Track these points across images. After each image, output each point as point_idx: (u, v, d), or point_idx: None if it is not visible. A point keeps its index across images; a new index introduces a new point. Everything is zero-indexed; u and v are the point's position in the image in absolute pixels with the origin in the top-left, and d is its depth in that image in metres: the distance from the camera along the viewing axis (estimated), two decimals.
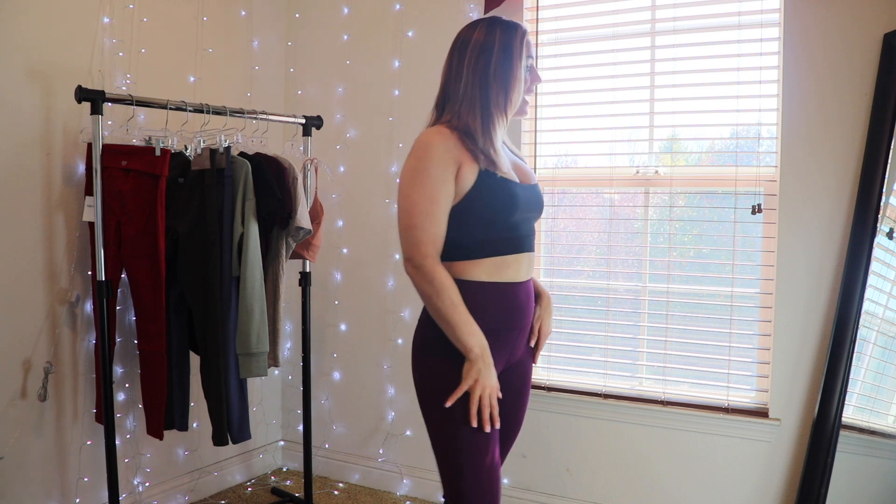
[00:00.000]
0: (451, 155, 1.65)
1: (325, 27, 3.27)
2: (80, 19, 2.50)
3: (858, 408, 2.39)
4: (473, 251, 1.69)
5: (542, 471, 2.88)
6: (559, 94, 2.87)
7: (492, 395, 1.64)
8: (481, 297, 1.68)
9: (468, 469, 1.66)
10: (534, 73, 1.78)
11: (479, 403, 1.63)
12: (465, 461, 1.66)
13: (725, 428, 2.57)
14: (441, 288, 1.63)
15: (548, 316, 1.89)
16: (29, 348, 2.39)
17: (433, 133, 1.68)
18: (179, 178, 2.42)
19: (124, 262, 2.40)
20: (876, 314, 2.38)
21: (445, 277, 1.64)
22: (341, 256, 3.25)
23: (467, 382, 1.63)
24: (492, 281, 1.70)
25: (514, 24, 1.74)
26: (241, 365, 2.42)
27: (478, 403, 1.63)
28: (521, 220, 1.72)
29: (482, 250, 1.69)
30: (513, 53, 1.70)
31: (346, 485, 3.25)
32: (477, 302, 1.67)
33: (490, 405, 1.63)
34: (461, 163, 1.65)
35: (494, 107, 1.70)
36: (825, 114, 2.39)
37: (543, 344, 1.90)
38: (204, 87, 2.94)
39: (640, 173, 2.74)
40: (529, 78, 1.77)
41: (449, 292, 1.63)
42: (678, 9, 2.64)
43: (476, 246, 1.69)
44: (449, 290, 1.64)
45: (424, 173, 1.64)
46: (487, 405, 1.63)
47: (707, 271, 2.71)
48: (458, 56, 1.74)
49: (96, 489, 2.58)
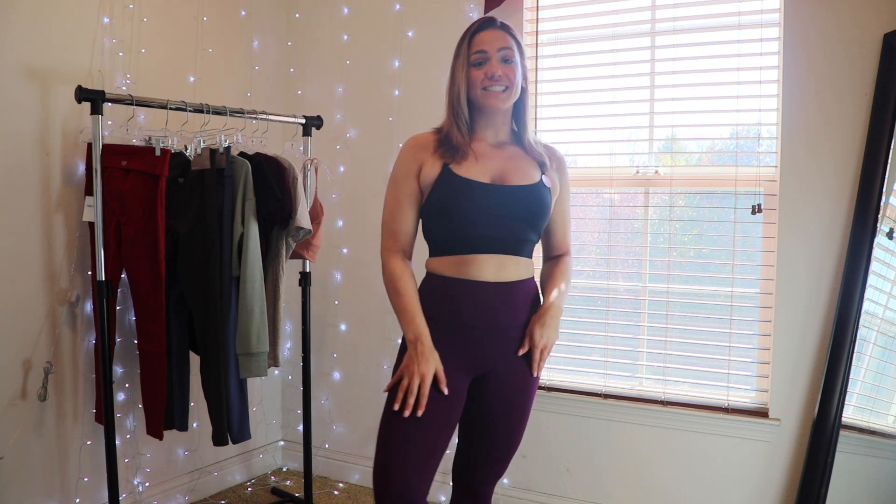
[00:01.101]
0: (414, 156, 1.78)
1: (325, 27, 3.27)
2: (80, 19, 2.50)
3: (858, 408, 2.39)
4: (438, 247, 1.80)
5: (542, 471, 2.88)
6: (559, 94, 2.87)
7: (422, 382, 1.68)
8: (443, 292, 1.77)
9: (392, 454, 1.69)
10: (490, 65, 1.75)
11: (408, 389, 1.68)
12: (392, 446, 1.70)
13: (725, 428, 2.57)
14: (390, 278, 1.77)
15: (541, 326, 1.78)
16: (29, 348, 2.39)
17: (410, 138, 1.84)
18: (179, 178, 2.42)
19: (124, 262, 2.40)
20: (876, 314, 2.38)
21: (398, 269, 1.77)
22: (341, 256, 3.25)
23: (400, 368, 1.72)
24: (455, 277, 1.76)
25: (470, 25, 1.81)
26: (241, 365, 2.42)
27: (405, 389, 1.68)
28: (481, 221, 1.73)
29: (444, 247, 1.78)
30: (460, 53, 1.78)
31: (346, 485, 3.25)
32: (440, 295, 1.77)
33: (418, 393, 1.68)
34: (423, 163, 1.77)
35: (457, 106, 1.78)
36: (825, 114, 2.39)
37: (538, 355, 1.79)
38: (204, 87, 2.94)
39: (640, 173, 2.74)
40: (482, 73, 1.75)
41: (397, 283, 1.76)
42: (678, 9, 2.64)
43: (440, 242, 1.79)
44: (397, 280, 1.76)
45: (392, 176, 1.82)
46: (413, 391, 1.68)
47: (707, 271, 2.71)
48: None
49: (96, 489, 2.58)
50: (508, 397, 1.81)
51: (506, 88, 1.76)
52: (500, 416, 1.81)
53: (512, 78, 1.76)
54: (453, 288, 1.76)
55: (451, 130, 1.79)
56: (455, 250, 1.76)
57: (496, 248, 1.75)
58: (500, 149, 1.82)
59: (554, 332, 1.80)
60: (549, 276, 1.90)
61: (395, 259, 1.79)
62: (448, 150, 1.76)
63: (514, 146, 1.84)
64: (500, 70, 1.74)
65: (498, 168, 1.78)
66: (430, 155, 1.77)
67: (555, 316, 1.80)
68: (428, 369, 1.69)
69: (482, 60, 1.75)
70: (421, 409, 1.68)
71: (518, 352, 1.79)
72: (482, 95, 1.76)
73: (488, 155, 1.79)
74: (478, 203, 1.73)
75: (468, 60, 1.76)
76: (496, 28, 1.77)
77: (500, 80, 1.74)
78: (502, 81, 1.74)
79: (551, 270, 1.90)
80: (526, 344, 1.79)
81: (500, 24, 1.79)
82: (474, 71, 1.75)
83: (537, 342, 1.78)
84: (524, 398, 1.83)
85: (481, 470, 1.88)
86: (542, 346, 1.79)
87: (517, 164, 1.80)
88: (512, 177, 1.77)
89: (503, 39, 1.76)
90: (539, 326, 1.78)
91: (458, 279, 1.75)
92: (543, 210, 1.80)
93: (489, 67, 1.74)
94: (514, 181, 1.77)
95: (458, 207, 1.73)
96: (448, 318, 1.75)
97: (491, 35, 1.76)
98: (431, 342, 1.72)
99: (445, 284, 1.77)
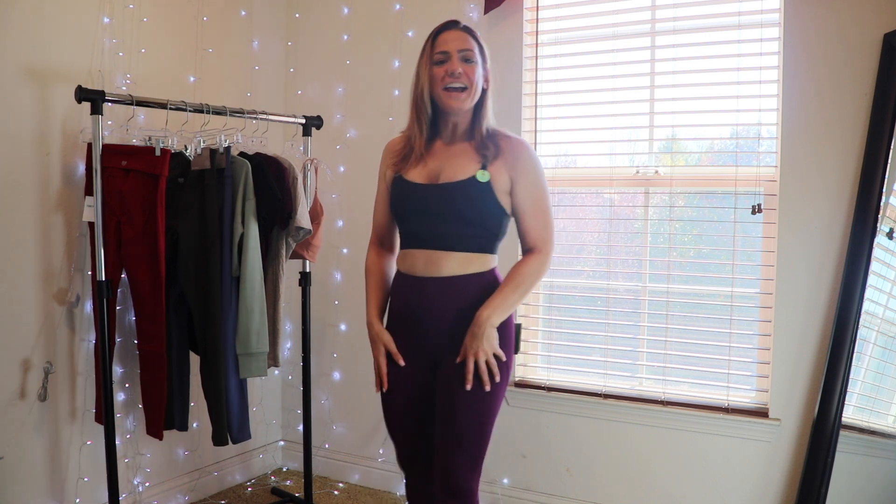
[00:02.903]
0: (384, 161, 2.00)
1: (325, 27, 3.27)
2: (80, 19, 2.50)
3: (858, 408, 2.40)
4: (399, 243, 1.99)
5: (542, 471, 2.88)
6: (559, 94, 2.87)
7: (379, 361, 1.92)
8: (395, 284, 1.97)
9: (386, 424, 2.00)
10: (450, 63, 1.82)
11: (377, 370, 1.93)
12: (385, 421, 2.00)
13: (725, 428, 2.57)
14: (365, 269, 2.04)
15: (471, 336, 1.78)
16: (29, 348, 2.39)
17: (387, 143, 2.02)
18: (179, 178, 2.42)
19: (124, 262, 2.40)
20: (876, 314, 2.38)
21: (369, 260, 2.04)
22: (341, 256, 3.25)
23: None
24: (401, 271, 1.94)
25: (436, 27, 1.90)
26: (241, 365, 2.42)
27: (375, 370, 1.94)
28: (414, 219, 1.88)
29: (401, 243, 1.97)
30: (424, 52, 1.88)
31: (346, 485, 3.25)
32: (395, 287, 1.97)
33: (379, 370, 1.92)
34: (388, 167, 1.97)
35: (420, 103, 1.88)
36: (825, 114, 2.39)
37: (470, 365, 1.77)
38: (204, 87, 2.94)
39: (640, 173, 2.74)
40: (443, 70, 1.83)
41: (366, 274, 2.03)
42: (678, 9, 2.64)
43: (400, 239, 1.98)
44: (366, 272, 2.03)
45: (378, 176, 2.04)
46: (376, 370, 1.93)
47: (707, 271, 2.71)
48: None
49: (96, 489, 2.58)
50: (452, 389, 1.82)
51: (465, 88, 1.82)
52: (444, 406, 1.84)
53: (472, 77, 1.82)
54: (398, 281, 1.96)
55: (412, 131, 1.91)
56: (402, 246, 1.96)
57: (428, 245, 1.85)
58: (450, 146, 1.90)
59: (484, 343, 1.77)
60: (505, 278, 1.87)
61: (371, 250, 2.05)
62: (404, 157, 1.92)
63: (465, 143, 1.89)
64: (461, 68, 1.82)
65: (436, 167, 1.87)
66: (392, 162, 1.95)
67: (482, 326, 1.78)
68: (378, 350, 1.93)
69: (444, 59, 1.83)
70: (385, 384, 1.92)
71: (457, 360, 1.82)
72: (444, 96, 1.83)
73: (436, 155, 1.89)
74: (411, 203, 1.88)
75: (431, 59, 1.85)
76: (459, 29, 1.87)
77: (460, 77, 1.81)
78: (462, 80, 1.82)
79: (510, 272, 1.87)
80: (461, 353, 1.81)
81: (462, 27, 1.87)
82: (436, 69, 1.83)
83: (468, 353, 1.79)
84: (470, 396, 1.80)
85: (437, 456, 1.87)
86: (473, 356, 1.78)
87: (457, 161, 1.85)
88: (445, 175, 1.85)
89: (465, 41, 1.84)
90: (469, 336, 1.80)
91: (403, 273, 1.93)
92: (474, 204, 1.81)
93: (450, 65, 1.82)
94: (445, 179, 1.84)
95: (399, 208, 1.92)
96: (398, 306, 1.95)
97: (453, 35, 1.85)
98: (380, 325, 1.95)
99: (397, 277, 1.97)
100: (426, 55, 1.86)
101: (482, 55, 1.87)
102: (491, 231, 1.85)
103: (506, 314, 1.82)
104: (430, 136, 1.90)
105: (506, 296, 1.81)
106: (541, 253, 1.86)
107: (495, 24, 2.89)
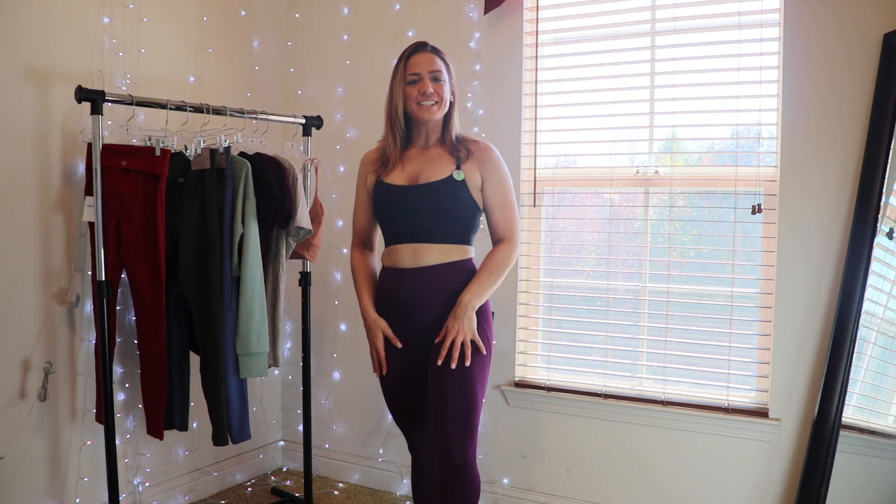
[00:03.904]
0: (363, 171, 2.23)
1: (325, 27, 3.27)
2: (80, 19, 2.50)
3: (858, 408, 2.40)
4: (384, 242, 2.18)
5: (542, 471, 2.88)
6: (559, 94, 2.87)
7: (377, 348, 2.13)
8: (382, 278, 2.19)
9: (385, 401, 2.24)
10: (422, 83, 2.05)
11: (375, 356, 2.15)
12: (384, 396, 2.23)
13: (725, 428, 2.57)
14: (351, 269, 2.27)
15: (453, 317, 2.02)
16: (29, 348, 2.39)
17: (364, 154, 2.26)
18: (179, 178, 2.42)
19: (124, 262, 2.40)
20: (876, 314, 2.38)
21: (354, 259, 2.26)
22: (341, 256, 3.25)
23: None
24: (387, 266, 2.15)
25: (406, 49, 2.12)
26: (241, 365, 2.42)
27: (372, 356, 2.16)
28: (398, 217, 2.09)
29: (385, 242, 2.17)
30: (397, 73, 2.10)
31: (346, 485, 3.25)
32: (382, 280, 2.18)
33: (377, 356, 2.13)
34: (368, 175, 2.21)
35: (394, 118, 2.11)
36: (825, 114, 2.39)
37: (448, 343, 2.00)
38: (204, 87, 2.94)
39: (640, 173, 2.74)
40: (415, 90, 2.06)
41: (353, 272, 2.25)
42: (678, 9, 2.64)
43: (384, 238, 2.19)
44: (353, 270, 2.25)
45: (356, 185, 2.27)
46: (374, 355, 2.15)
47: (707, 271, 2.71)
48: None
49: (96, 489, 2.58)
50: (441, 368, 2.02)
51: (436, 103, 2.08)
52: (435, 383, 2.05)
53: (441, 93, 2.08)
54: (385, 276, 2.16)
55: (387, 142, 2.15)
56: (387, 243, 2.16)
57: (412, 238, 2.08)
58: (425, 151, 2.14)
59: (465, 324, 2.01)
60: (480, 266, 2.10)
61: (354, 252, 2.28)
62: (382, 164, 2.15)
63: (439, 147, 2.14)
64: (431, 87, 2.06)
65: (415, 171, 2.11)
66: (373, 169, 2.18)
67: (464, 309, 2.02)
68: (376, 336, 2.13)
69: (416, 80, 2.08)
70: (384, 368, 2.13)
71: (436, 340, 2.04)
72: (417, 109, 2.08)
73: (413, 159, 2.13)
74: (395, 202, 2.10)
75: (404, 79, 2.08)
76: (427, 52, 2.10)
77: (431, 96, 2.07)
78: (433, 97, 2.07)
79: (484, 260, 2.11)
80: (441, 333, 2.03)
81: (430, 48, 2.11)
82: (409, 88, 2.08)
83: (449, 332, 2.01)
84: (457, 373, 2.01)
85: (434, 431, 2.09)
86: (454, 335, 2.00)
87: (434, 163, 2.10)
88: (424, 176, 2.09)
89: (433, 62, 2.08)
90: (451, 317, 2.03)
91: (389, 267, 2.14)
92: (452, 200, 2.06)
93: (422, 86, 2.07)
94: (425, 179, 2.08)
95: (383, 208, 2.14)
96: (385, 298, 2.14)
97: (423, 58, 2.08)
98: (375, 313, 2.14)
99: (384, 272, 2.18)
100: (399, 75, 2.09)
101: (448, 72, 2.12)
102: (467, 224, 2.10)
103: (484, 297, 2.07)
104: (405, 146, 2.15)
105: (483, 281, 2.06)
106: (510, 242, 2.12)
107: (495, 24, 2.89)
